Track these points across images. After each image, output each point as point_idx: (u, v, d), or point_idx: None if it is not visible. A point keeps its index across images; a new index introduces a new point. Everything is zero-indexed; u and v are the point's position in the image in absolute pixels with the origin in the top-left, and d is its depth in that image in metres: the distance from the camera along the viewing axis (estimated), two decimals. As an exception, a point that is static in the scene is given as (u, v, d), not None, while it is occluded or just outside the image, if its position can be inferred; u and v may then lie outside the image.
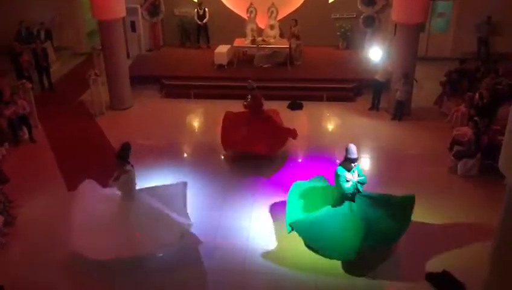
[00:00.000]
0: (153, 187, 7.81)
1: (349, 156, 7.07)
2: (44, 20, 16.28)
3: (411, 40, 12.12)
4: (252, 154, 10.08)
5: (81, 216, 7.30)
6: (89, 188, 7.69)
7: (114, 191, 7.35)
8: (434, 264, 7.22)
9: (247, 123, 10.25)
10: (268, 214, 8.55)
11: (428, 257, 7.48)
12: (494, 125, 10.36)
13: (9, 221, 8.30)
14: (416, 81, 12.95)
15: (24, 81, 12.28)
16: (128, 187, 7.17)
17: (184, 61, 15.87)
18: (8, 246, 7.86)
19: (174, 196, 7.69)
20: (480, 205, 8.78)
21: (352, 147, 7.08)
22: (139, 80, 14.10)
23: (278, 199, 8.86)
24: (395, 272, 7.23)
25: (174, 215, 7.35)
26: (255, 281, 7.12)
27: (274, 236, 7.99)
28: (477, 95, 11.40)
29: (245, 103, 10.38)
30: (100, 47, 13.71)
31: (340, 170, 7.09)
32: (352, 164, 7.10)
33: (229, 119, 10.57)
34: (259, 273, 7.24)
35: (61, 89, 14.68)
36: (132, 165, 7.16)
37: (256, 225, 8.28)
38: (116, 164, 7.12)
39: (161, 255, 7.41)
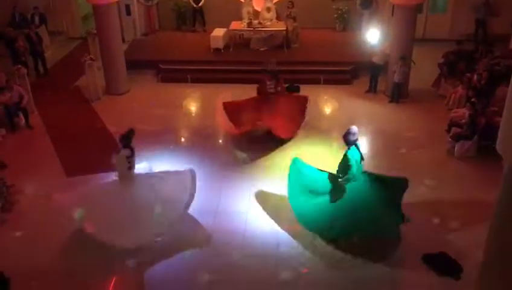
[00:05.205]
0: (157, 174, 7.90)
1: (353, 137, 7.19)
2: (38, 4, 16.09)
3: (408, 22, 12.03)
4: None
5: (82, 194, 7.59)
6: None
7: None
8: (431, 246, 7.27)
9: (256, 106, 10.35)
10: (267, 198, 8.56)
11: (425, 238, 7.52)
12: (491, 106, 10.35)
13: (7, 207, 8.31)
14: (414, 63, 12.89)
15: (19, 66, 12.18)
16: (120, 169, 7.29)
17: (180, 46, 15.74)
18: (6, 232, 7.86)
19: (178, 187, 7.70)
20: (477, 186, 8.80)
21: (355, 128, 7.25)
22: (135, 64, 13.98)
23: (275, 182, 8.87)
24: (392, 253, 7.27)
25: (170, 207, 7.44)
26: (253, 264, 7.15)
27: (272, 219, 8.02)
28: (475, 76, 11.38)
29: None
30: (95, 31, 13.58)
31: (353, 153, 7.14)
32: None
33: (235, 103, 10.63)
34: (257, 256, 7.28)
35: (56, 74, 14.58)
36: (132, 150, 7.28)
37: (254, 209, 8.30)
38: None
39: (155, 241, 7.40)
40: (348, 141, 7.15)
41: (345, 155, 7.16)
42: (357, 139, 7.22)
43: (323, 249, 7.34)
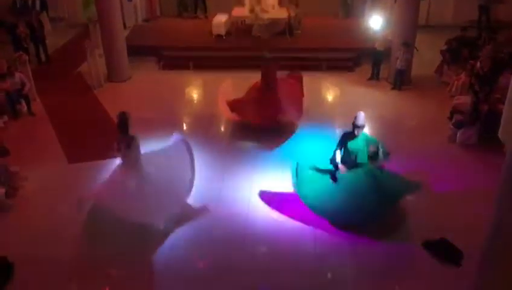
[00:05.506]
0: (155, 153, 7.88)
1: (362, 123, 7.38)
2: (39, -10, 16.03)
3: (412, 8, 11.97)
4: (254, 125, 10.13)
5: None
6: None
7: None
8: (432, 232, 7.30)
9: (259, 97, 10.19)
10: (269, 184, 8.58)
11: (425, 224, 7.54)
12: (494, 93, 10.32)
13: (11, 193, 8.35)
14: (417, 49, 12.84)
15: (21, 53, 12.17)
16: (137, 153, 7.27)
17: (182, 32, 15.69)
18: (10, 217, 7.90)
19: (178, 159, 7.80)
20: (478, 174, 8.82)
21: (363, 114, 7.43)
22: (137, 51, 13.95)
23: (278, 169, 8.88)
24: (392, 239, 7.30)
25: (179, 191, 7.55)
26: (255, 251, 7.19)
27: (274, 208, 7.99)
28: (478, 63, 11.33)
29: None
30: (96, 18, 13.52)
31: (366, 135, 7.48)
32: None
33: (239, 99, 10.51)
34: (259, 243, 7.31)
35: (57, 61, 14.56)
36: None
37: (256, 196, 8.31)
38: (119, 136, 7.19)
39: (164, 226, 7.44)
40: (358, 126, 7.31)
41: (370, 140, 7.41)
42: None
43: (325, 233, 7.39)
